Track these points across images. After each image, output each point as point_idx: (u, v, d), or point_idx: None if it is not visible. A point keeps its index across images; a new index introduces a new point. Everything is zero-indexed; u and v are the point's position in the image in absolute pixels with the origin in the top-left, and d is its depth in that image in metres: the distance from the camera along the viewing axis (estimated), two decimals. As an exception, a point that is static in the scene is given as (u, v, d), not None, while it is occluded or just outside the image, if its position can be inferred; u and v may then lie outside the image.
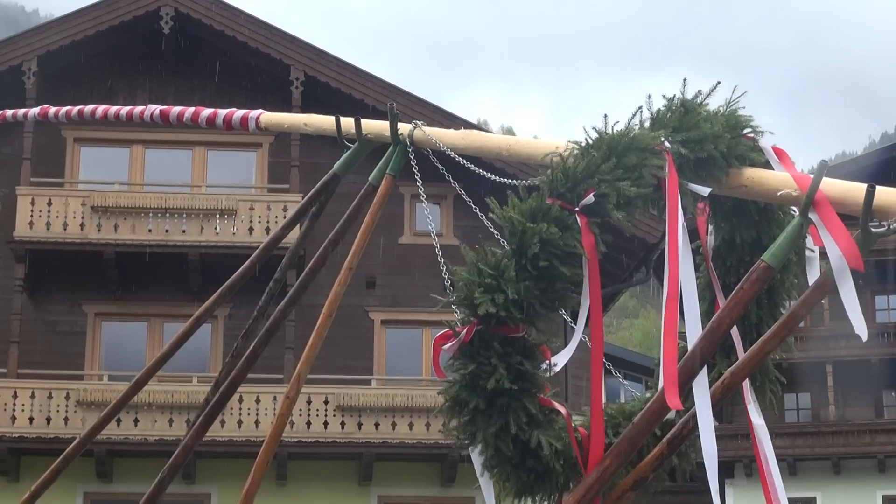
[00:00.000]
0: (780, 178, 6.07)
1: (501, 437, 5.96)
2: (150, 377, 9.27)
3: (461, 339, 5.91)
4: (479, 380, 5.89)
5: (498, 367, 5.85)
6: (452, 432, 6.19)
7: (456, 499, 30.33)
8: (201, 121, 9.67)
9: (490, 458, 6.09)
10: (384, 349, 31.93)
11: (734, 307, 5.61)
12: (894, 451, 50.26)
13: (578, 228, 5.86)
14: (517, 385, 5.91)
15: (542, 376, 6.12)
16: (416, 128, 7.49)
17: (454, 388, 6.03)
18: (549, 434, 6.04)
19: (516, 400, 5.93)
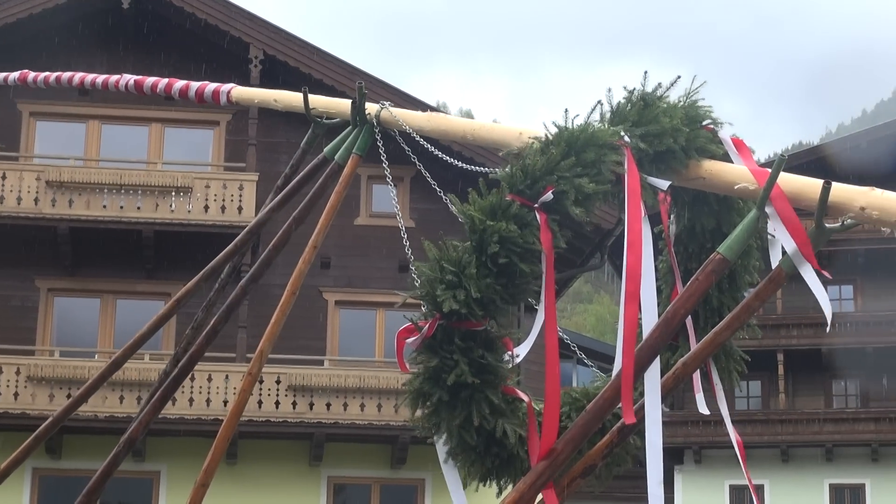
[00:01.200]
0: (737, 172, 6.13)
1: (465, 428, 6.03)
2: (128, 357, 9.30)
3: (424, 333, 5.96)
4: (442, 373, 5.96)
5: (460, 361, 5.91)
6: (417, 423, 6.25)
7: (406, 480, 30.40)
8: (174, 92, 9.71)
9: (454, 448, 6.15)
10: (337, 330, 31.90)
11: (689, 298, 5.68)
12: (842, 440, 50.66)
13: (538, 225, 5.91)
14: (479, 378, 5.97)
15: (504, 368, 6.19)
16: (384, 108, 7.54)
17: (417, 380, 6.09)
18: (513, 422, 6.11)
19: (479, 392, 5.99)
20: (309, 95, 8.16)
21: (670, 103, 6.42)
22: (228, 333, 28.02)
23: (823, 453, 51.11)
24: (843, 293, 54.22)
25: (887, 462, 50.80)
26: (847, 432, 50.89)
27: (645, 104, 6.32)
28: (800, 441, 51.05)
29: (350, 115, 7.69)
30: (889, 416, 50.83)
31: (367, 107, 7.55)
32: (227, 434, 7.69)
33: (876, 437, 50.53)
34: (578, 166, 5.98)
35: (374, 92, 27.86)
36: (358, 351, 31.70)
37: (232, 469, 29.65)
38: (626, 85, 6.51)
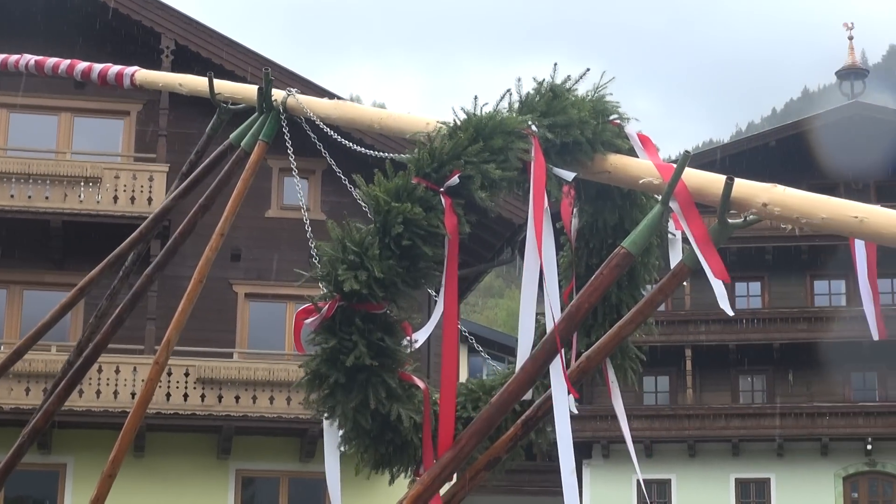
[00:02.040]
0: (643, 166, 6.16)
1: (361, 411, 6.00)
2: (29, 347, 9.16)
3: (323, 314, 5.93)
4: (340, 355, 5.92)
5: (359, 343, 5.89)
6: (312, 405, 6.20)
7: (315, 473, 30.24)
8: (77, 74, 9.57)
9: (349, 432, 6.12)
10: (247, 323, 31.74)
11: (593, 292, 5.69)
12: (748, 435, 51.19)
13: (442, 209, 5.90)
14: (377, 361, 5.96)
15: (402, 352, 6.17)
16: (290, 95, 7.49)
17: (315, 362, 6.05)
18: (408, 408, 6.10)
19: (376, 375, 5.98)
20: (215, 81, 8.08)
21: (579, 96, 6.44)
22: (137, 326, 27.81)
23: (730, 448, 51.60)
24: (750, 290, 54.77)
25: (792, 457, 51.39)
26: (753, 427, 51.43)
27: (554, 95, 6.34)
28: (706, 436, 51.50)
29: (256, 102, 7.63)
30: (794, 411, 51.41)
31: (274, 93, 7.50)
32: (133, 424, 7.60)
33: (781, 432, 51.09)
34: (485, 152, 5.98)
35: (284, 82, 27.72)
36: (268, 344, 31.55)
37: (140, 462, 29.40)
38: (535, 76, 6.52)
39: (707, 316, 51.48)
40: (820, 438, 51.03)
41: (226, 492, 30.71)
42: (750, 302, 54.65)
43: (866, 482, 51.67)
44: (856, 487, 51.50)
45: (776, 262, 53.45)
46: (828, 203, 5.51)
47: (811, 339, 51.87)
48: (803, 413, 51.34)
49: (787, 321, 52.52)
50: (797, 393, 52.90)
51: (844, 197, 5.67)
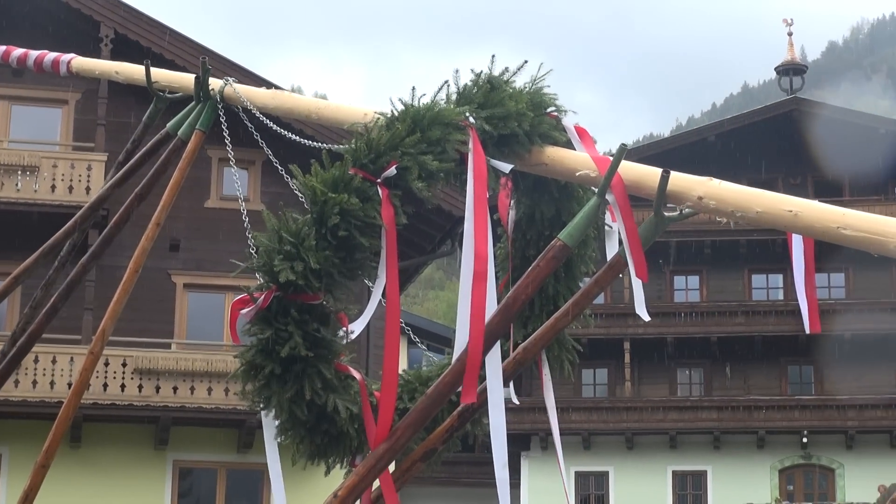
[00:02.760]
0: (579, 159, 6.17)
1: (296, 402, 5.99)
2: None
3: (259, 304, 5.91)
4: (275, 346, 5.91)
5: (294, 333, 5.88)
6: (248, 396, 6.18)
7: (253, 464, 30.20)
8: (12, 60, 9.50)
9: (284, 422, 6.11)
10: (185, 313, 31.59)
11: (530, 284, 5.70)
12: (686, 427, 51.50)
13: (379, 200, 5.89)
14: (313, 352, 5.94)
15: (338, 343, 6.16)
16: (227, 84, 7.45)
17: (250, 352, 6.03)
18: (345, 399, 6.09)
19: (312, 366, 5.96)
20: (152, 69, 8.04)
21: (517, 88, 6.44)
22: (74, 315, 27.60)
23: (667, 441, 51.91)
24: (689, 283, 55.10)
25: (728, 449, 51.77)
26: (690, 420, 51.75)
27: (491, 87, 6.34)
28: (644, 428, 51.78)
29: (193, 91, 7.59)
30: (731, 404, 51.78)
31: (211, 83, 7.46)
32: (67, 414, 7.56)
33: (718, 424, 51.46)
34: (423, 143, 5.98)
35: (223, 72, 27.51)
36: (206, 334, 31.42)
37: (76, 453, 29.24)
38: (473, 68, 6.52)
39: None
40: (756, 431, 51.43)
41: (163, 483, 30.57)
42: (688, 295, 54.98)
43: (802, 475, 52.12)
44: (791, 480, 51.95)
45: (714, 255, 53.80)
46: (762, 197, 5.55)
47: (748, 332, 52.28)
48: (740, 406, 51.72)
49: (725, 315, 52.88)
50: (734, 386, 53.28)
51: (782, 192, 5.72)
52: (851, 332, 51.59)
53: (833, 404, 51.59)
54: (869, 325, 51.84)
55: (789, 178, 53.13)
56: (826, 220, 5.35)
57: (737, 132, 54.91)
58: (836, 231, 5.29)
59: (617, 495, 51.92)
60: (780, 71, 57.86)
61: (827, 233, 5.35)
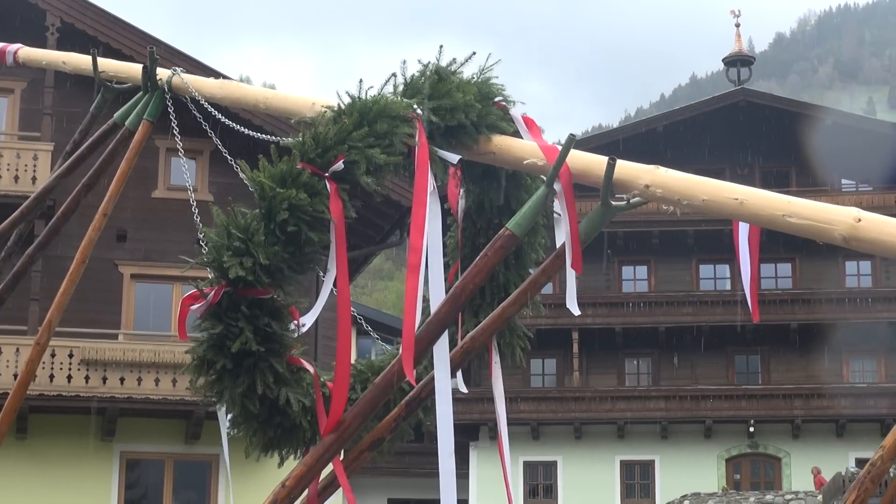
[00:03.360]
0: (527, 148, 6.18)
1: (248, 396, 5.99)
2: None
3: (209, 300, 5.90)
4: (226, 341, 5.90)
5: (245, 329, 5.87)
6: (200, 390, 6.18)
7: (201, 455, 30.12)
8: None
9: (237, 416, 6.11)
10: (133, 304, 31.43)
11: (478, 273, 5.72)
12: (634, 417, 51.73)
13: (328, 194, 5.88)
14: (264, 346, 5.94)
15: (290, 336, 6.16)
16: (175, 74, 7.43)
17: (201, 348, 6.02)
18: (297, 391, 6.09)
19: (263, 360, 5.96)
20: (99, 59, 7.99)
21: (464, 79, 6.43)
22: (21, 306, 27.41)
23: (615, 430, 52.10)
24: (637, 273, 55.30)
25: (676, 439, 52.03)
26: (638, 410, 51.97)
27: (439, 78, 6.34)
28: (592, 418, 51.96)
29: (141, 81, 7.56)
30: (679, 394, 52.04)
31: (159, 73, 7.43)
32: (13, 405, 7.52)
33: (666, 414, 51.70)
34: (370, 137, 5.97)
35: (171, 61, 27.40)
36: (154, 325, 31.28)
37: (22, 444, 29.06)
38: (420, 59, 6.52)
39: (594, 299, 51.89)
40: (703, 421, 51.71)
41: (110, 474, 30.42)
42: (636, 286, 55.17)
43: (748, 463, 52.48)
44: (738, 469, 52.29)
45: (663, 245, 54.02)
46: (708, 185, 5.59)
47: (696, 322, 52.53)
48: (687, 396, 51.98)
49: (673, 304, 53.11)
50: (682, 376, 53.54)
51: (730, 181, 5.75)
52: (798, 322, 51.99)
53: (779, 394, 51.94)
54: (815, 315, 52.23)
55: (737, 168, 53.41)
56: (771, 208, 5.39)
57: (685, 123, 55.15)
58: (781, 219, 5.33)
59: (565, 485, 52.08)
60: (728, 62, 58.13)
61: (772, 221, 5.39)
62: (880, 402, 51.22)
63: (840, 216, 5.17)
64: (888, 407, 50.93)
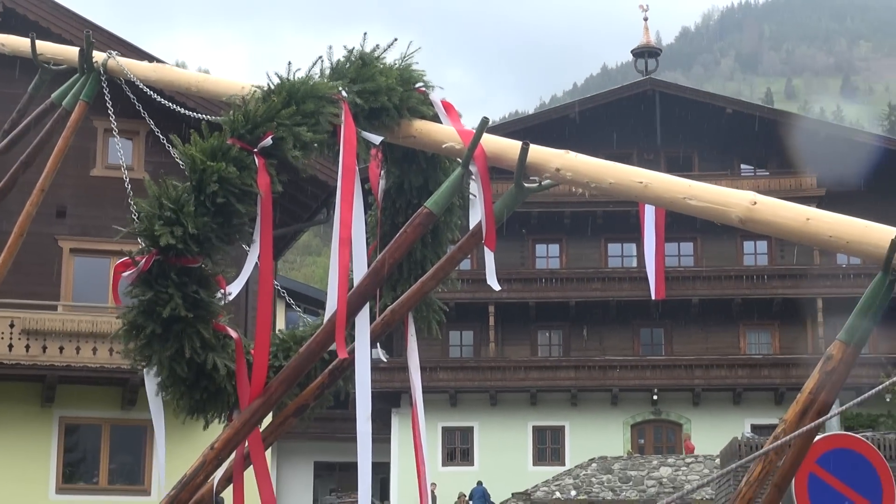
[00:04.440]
0: (445, 132, 6.17)
1: (176, 360, 5.95)
2: None
3: (140, 268, 5.85)
4: (156, 307, 5.85)
5: (174, 295, 5.83)
6: (130, 354, 6.12)
7: (136, 420, 29.91)
8: None
9: (165, 379, 6.06)
10: (72, 277, 31.11)
11: (397, 249, 5.71)
12: (545, 386, 52.02)
13: (256, 168, 5.84)
14: (192, 312, 5.90)
15: (217, 304, 6.12)
16: (111, 57, 7.35)
17: (132, 313, 5.97)
18: (222, 357, 6.05)
19: (191, 326, 5.92)
20: (38, 42, 7.88)
21: (387, 64, 6.41)
22: (-39, 280, 27.06)
23: (528, 398, 52.37)
24: (549, 251, 55.53)
25: (585, 406, 52.38)
26: (549, 379, 52.26)
27: (363, 63, 6.31)
28: (507, 387, 52.19)
29: (78, 63, 7.48)
30: (587, 364, 52.38)
31: (95, 55, 7.34)
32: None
33: (575, 383, 52.03)
34: (298, 115, 5.94)
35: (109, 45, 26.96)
36: (92, 297, 30.95)
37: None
38: (346, 45, 6.49)
39: (509, 275, 52.04)
40: (610, 389, 52.09)
41: (49, 438, 30.17)
42: (549, 262, 55.42)
43: (651, 429, 52.93)
44: (642, 434, 52.74)
45: (573, 225, 54.30)
46: (615, 169, 5.60)
47: (604, 297, 52.88)
48: (596, 366, 52.34)
49: (583, 280, 53.42)
50: (590, 347, 53.88)
51: (637, 165, 5.76)
52: (699, 298, 52.46)
53: (681, 364, 52.43)
54: (715, 291, 52.75)
55: (643, 153, 53.73)
56: (674, 191, 5.41)
57: (595, 110, 55.39)
58: (683, 201, 5.35)
59: (481, 449, 52.29)
60: (637, 53, 58.44)
61: (674, 203, 5.41)
62: (774, 372, 51.85)
63: (737, 199, 5.20)
64: (781, 377, 51.55)
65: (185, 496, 5.82)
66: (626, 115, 55.13)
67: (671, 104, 54.91)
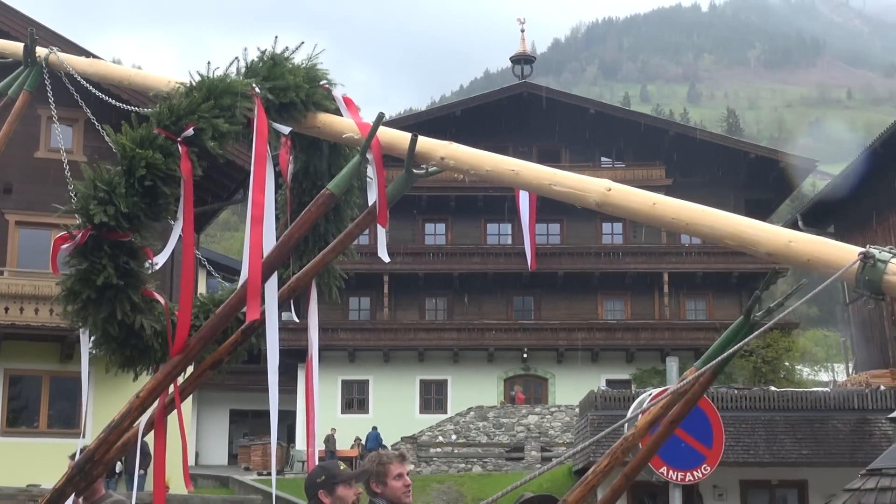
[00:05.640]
0: (346, 124, 6.15)
1: (109, 322, 5.87)
2: None
3: (77, 241, 5.76)
4: (91, 275, 5.77)
5: (107, 265, 5.75)
6: (68, 316, 6.03)
7: (72, 372, 29.48)
8: None
9: (99, 338, 5.99)
10: (17, 246, 30.59)
11: (302, 225, 5.67)
12: (431, 345, 52.27)
13: (179, 155, 5.78)
14: (123, 280, 5.82)
15: (145, 273, 6.04)
16: (52, 52, 7.22)
17: (70, 280, 5.88)
18: (150, 318, 5.99)
19: (122, 292, 5.84)
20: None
21: (295, 64, 6.36)
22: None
23: (416, 355, 52.52)
24: (437, 229, 55.66)
25: (464, 362, 52.69)
26: (435, 339, 52.46)
27: (274, 63, 6.25)
28: (398, 346, 52.30)
29: (22, 57, 7.33)
30: (468, 327, 52.68)
31: (38, 51, 7.21)
32: None
33: (457, 343, 52.30)
34: (216, 109, 5.87)
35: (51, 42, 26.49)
36: (35, 265, 30.45)
37: (-83, 362, 28.17)
38: (259, 46, 6.43)
39: (402, 249, 52.14)
40: (487, 348, 52.42)
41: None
42: (436, 239, 55.58)
43: (522, 382, 53.40)
44: (514, 387, 53.18)
45: (458, 207, 54.46)
46: (492, 158, 5.61)
47: (483, 269, 53.17)
48: (475, 328, 52.63)
49: (465, 255, 53.65)
50: (470, 312, 54.16)
51: (512, 156, 5.78)
52: (564, 271, 52.94)
53: (548, 328, 52.92)
54: (577, 266, 53.27)
55: (518, 146, 54.02)
56: (541, 178, 5.43)
57: (478, 108, 55.59)
58: (549, 187, 5.37)
59: (375, 399, 52.40)
60: (514, 60, 58.68)
61: (541, 188, 5.44)
62: (626, 335, 52.54)
63: (594, 186, 5.23)
64: (632, 339, 52.29)
65: (113, 438, 5.75)
66: (504, 113, 55.39)
67: (542, 104, 55.25)
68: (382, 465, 6.53)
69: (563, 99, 57.14)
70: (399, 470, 6.53)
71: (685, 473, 10.20)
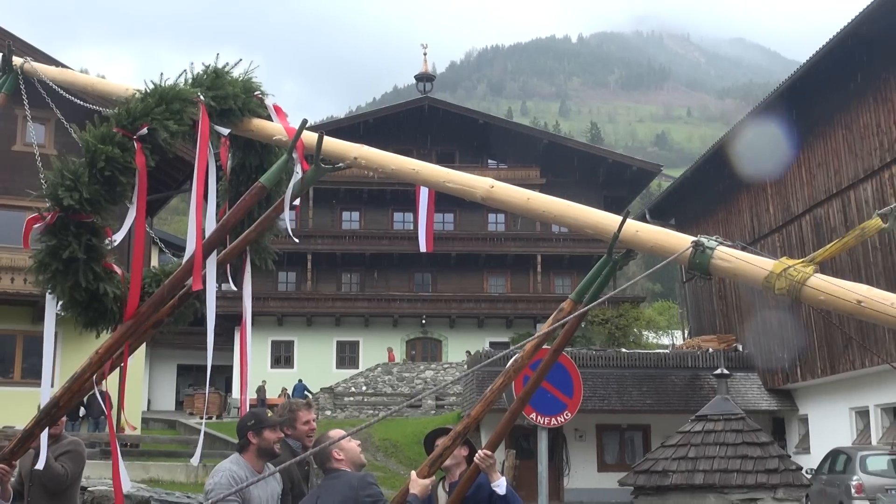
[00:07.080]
0: (276, 128, 6.12)
1: (75, 289, 5.79)
2: None
3: (47, 221, 5.68)
4: (59, 250, 5.69)
5: (73, 242, 5.67)
6: (39, 284, 5.93)
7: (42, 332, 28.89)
8: None
9: (66, 303, 5.90)
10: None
11: (238, 211, 5.65)
12: (347, 312, 52.10)
13: (135, 151, 5.71)
14: (87, 254, 5.75)
15: (105, 248, 5.96)
16: (26, 62, 7.06)
17: (41, 254, 5.78)
18: (110, 286, 5.91)
19: (86, 264, 5.76)
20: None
21: (234, 77, 6.31)
22: None
23: (334, 321, 52.34)
24: (352, 217, 55.46)
25: (374, 327, 52.66)
26: (350, 308, 52.32)
27: (216, 75, 6.20)
28: (319, 312, 52.08)
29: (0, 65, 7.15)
30: (377, 297, 52.62)
31: (14, 60, 7.04)
32: None
33: (368, 311, 52.21)
34: (167, 112, 5.81)
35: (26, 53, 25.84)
36: (11, 240, 29.72)
37: None
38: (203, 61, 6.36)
39: (323, 232, 51.96)
40: (392, 315, 52.43)
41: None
42: (352, 224, 55.40)
43: (421, 344, 53.52)
44: (414, 347, 53.30)
45: (370, 198, 54.35)
46: (396, 159, 5.63)
47: (390, 250, 53.14)
48: (383, 299, 52.60)
49: (375, 238, 53.58)
50: (379, 285, 54.12)
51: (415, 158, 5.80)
52: (456, 252, 53.14)
53: (442, 299, 53.10)
54: (467, 248, 53.52)
55: (420, 149, 54.04)
56: (437, 176, 5.47)
57: (387, 117, 55.49)
58: (443, 184, 5.42)
59: (299, 357, 52.13)
60: (418, 78, 58.57)
61: (437, 184, 5.47)
62: (506, 306, 52.94)
63: (480, 183, 5.28)
64: (511, 309, 52.68)
65: (75, 387, 5.67)
66: (409, 121, 55.37)
67: (441, 115, 55.33)
68: (292, 412, 6.56)
69: (458, 111, 57.28)
70: (306, 417, 6.56)
71: (550, 419, 10.33)
